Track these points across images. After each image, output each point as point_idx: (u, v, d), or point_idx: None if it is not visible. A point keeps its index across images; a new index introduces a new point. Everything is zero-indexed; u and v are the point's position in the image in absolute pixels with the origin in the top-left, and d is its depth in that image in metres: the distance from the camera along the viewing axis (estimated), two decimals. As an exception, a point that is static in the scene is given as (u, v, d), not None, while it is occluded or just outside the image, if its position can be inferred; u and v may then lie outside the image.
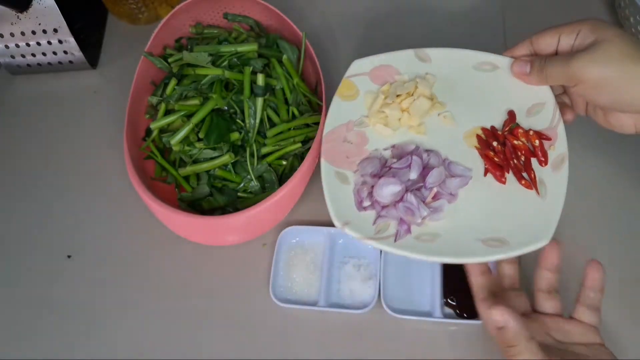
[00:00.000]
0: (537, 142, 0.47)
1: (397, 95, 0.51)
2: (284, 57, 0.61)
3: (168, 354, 0.56)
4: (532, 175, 0.46)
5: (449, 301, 0.53)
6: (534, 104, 0.49)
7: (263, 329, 0.56)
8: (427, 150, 0.49)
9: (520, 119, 0.49)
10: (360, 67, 0.54)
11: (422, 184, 0.47)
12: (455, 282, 0.54)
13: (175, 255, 0.61)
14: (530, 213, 0.45)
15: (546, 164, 0.46)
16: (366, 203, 0.47)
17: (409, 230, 0.45)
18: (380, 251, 0.54)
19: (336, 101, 0.53)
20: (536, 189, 0.46)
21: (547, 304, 0.46)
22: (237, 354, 0.55)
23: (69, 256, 0.62)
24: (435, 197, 0.46)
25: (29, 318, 0.59)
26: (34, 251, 0.63)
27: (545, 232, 0.43)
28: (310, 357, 0.54)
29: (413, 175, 0.47)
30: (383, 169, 0.48)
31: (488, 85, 0.51)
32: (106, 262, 0.61)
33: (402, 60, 0.53)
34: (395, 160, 0.48)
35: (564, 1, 0.72)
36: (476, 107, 0.50)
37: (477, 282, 0.45)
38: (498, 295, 0.45)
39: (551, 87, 0.49)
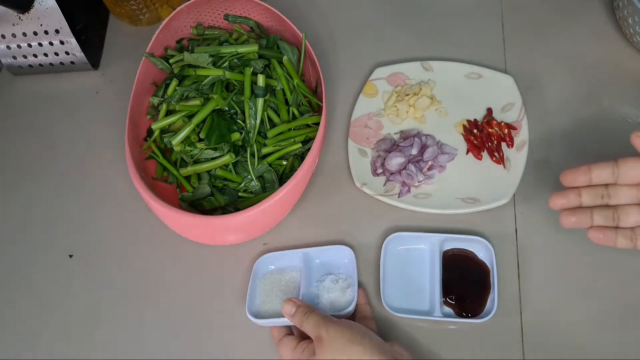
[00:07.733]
0: (506, 131, 0.62)
1: (406, 95, 0.66)
2: (285, 58, 0.61)
3: (168, 353, 0.56)
4: (501, 154, 0.61)
5: (448, 300, 0.54)
6: (507, 103, 0.64)
7: (262, 329, 0.56)
8: (425, 135, 0.64)
9: (496, 114, 0.64)
10: (380, 73, 0.68)
11: (420, 158, 0.62)
12: (454, 281, 0.54)
13: (175, 255, 0.61)
14: (498, 180, 0.60)
15: (512, 146, 0.61)
16: (379, 170, 0.62)
17: (409, 191, 0.61)
18: (381, 255, 0.56)
19: (361, 97, 0.67)
20: (503, 164, 0.61)
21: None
22: (238, 353, 0.55)
23: (70, 255, 0.63)
24: (430, 168, 0.62)
25: (30, 317, 0.60)
26: (36, 250, 0.63)
27: (507, 194, 0.58)
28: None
29: (414, 151, 0.62)
30: (393, 147, 0.63)
31: (474, 89, 0.66)
32: (107, 262, 0.62)
33: (411, 69, 0.68)
34: (402, 140, 0.64)
35: (563, 2, 0.72)
36: (464, 105, 0.65)
37: None
38: None
39: None
